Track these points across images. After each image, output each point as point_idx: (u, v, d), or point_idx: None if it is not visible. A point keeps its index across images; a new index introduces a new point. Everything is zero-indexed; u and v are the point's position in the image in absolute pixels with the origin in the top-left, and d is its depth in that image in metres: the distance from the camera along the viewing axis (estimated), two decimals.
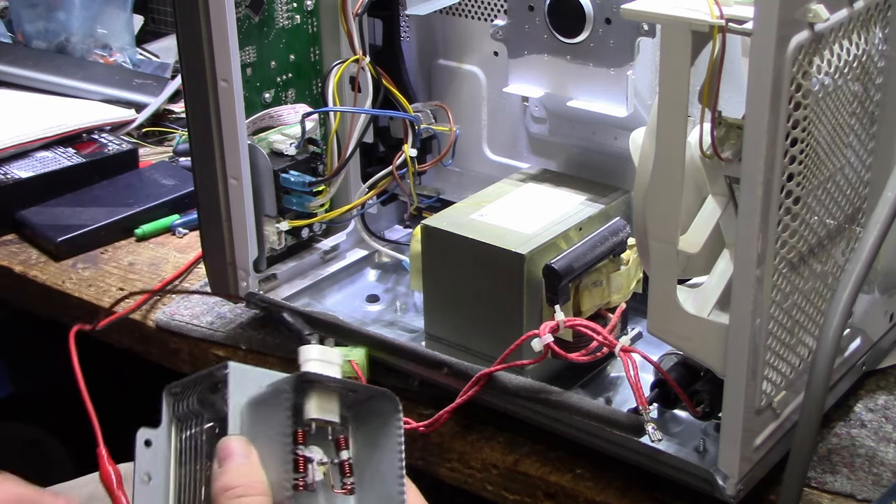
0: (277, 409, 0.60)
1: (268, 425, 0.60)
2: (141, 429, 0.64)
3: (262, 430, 0.60)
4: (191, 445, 0.64)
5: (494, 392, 0.75)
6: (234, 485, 0.58)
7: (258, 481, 0.59)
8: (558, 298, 0.75)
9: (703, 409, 0.70)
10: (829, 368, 0.60)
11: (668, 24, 0.61)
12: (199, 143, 0.84)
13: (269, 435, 0.60)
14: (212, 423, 0.63)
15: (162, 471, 0.64)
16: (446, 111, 0.91)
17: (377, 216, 0.99)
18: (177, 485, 0.63)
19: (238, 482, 0.59)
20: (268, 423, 0.60)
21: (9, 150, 1.17)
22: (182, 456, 0.64)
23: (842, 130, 0.65)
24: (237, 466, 0.59)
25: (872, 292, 0.77)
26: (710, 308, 0.66)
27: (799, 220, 0.63)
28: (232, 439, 0.60)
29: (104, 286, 1.01)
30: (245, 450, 0.60)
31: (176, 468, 0.64)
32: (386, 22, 0.93)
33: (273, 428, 0.60)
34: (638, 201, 0.68)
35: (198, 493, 0.62)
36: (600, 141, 0.86)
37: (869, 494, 0.70)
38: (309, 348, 0.68)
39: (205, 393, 0.63)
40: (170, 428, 0.65)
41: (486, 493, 0.77)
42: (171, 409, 0.65)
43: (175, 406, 0.65)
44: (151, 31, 1.65)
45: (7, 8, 1.57)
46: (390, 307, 0.92)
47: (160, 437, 0.64)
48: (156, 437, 0.64)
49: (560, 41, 0.83)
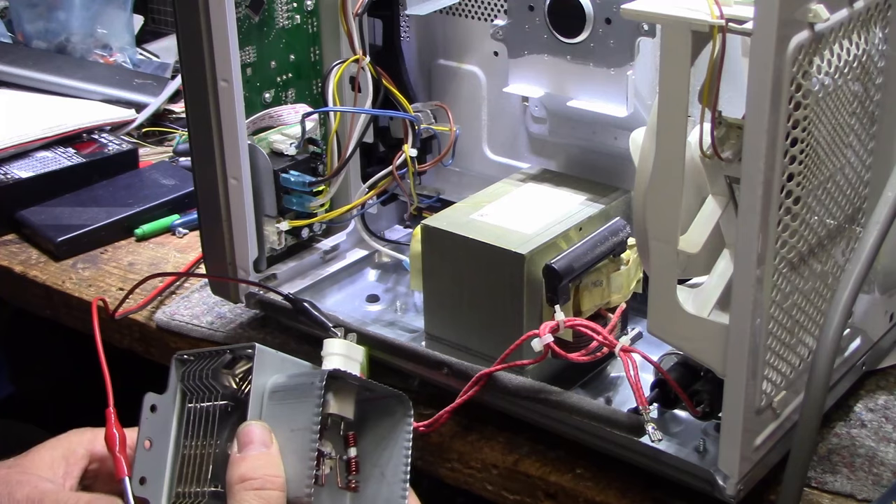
0: (306, 403, 0.59)
1: (293, 417, 0.60)
2: (148, 393, 0.64)
3: (286, 421, 0.60)
4: (199, 419, 0.63)
5: (494, 392, 0.75)
6: (252, 476, 0.59)
7: (276, 475, 0.59)
8: (558, 298, 0.75)
9: (703, 409, 0.70)
10: (829, 368, 0.60)
11: (668, 24, 0.61)
12: (199, 143, 0.84)
13: (294, 427, 0.60)
14: (226, 402, 0.63)
15: (164, 437, 0.63)
16: (446, 111, 0.91)
17: (377, 216, 0.99)
18: (180, 455, 0.63)
19: (257, 474, 0.59)
20: (293, 415, 0.60)
21: (9, 150, 1.17)
22: (188, 428, 0.64)
23: (842, 130, 0.65)
24: (257, 456, 0.59)
25: (872, 292, 0.77)
26: (710, 308, 0.65)
27: (799, 220, 0.63)
28: (255, 426, 0.60)
29: (104, 286, 1.01)
30: (267, 439, 0.60)
31: (181, 439, 0.64)
32: (386, 22, 0.93)
33: (298, 420, 0.59)
34: (638, 201, 0.68)
35: (203, 469, 0.62)
36: (600, 141, 0.86)
37: (869, 494, 0.70)
38: (333, 342, 0.67)
39: (220, 368, 0.63)
40: (174, 395, 0.64)
41: (486, 493, 0.77)
42: (179, 377, 0.64)
43: (184, 375, 0.64)
44: (151, 31, 1.65)
45: (7, 8, 1.57)
46: (390, 307, 0.92)
47: (165, 405, 0.64)
48: (161, 403, 0.64)
49: (560, 41, 0.83)
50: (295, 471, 0.59)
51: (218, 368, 0.63)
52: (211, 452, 0.62)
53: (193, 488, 0.62)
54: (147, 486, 0.62)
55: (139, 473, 0.62)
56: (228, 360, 0.64)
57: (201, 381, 0.63)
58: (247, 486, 0.58)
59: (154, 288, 0.97)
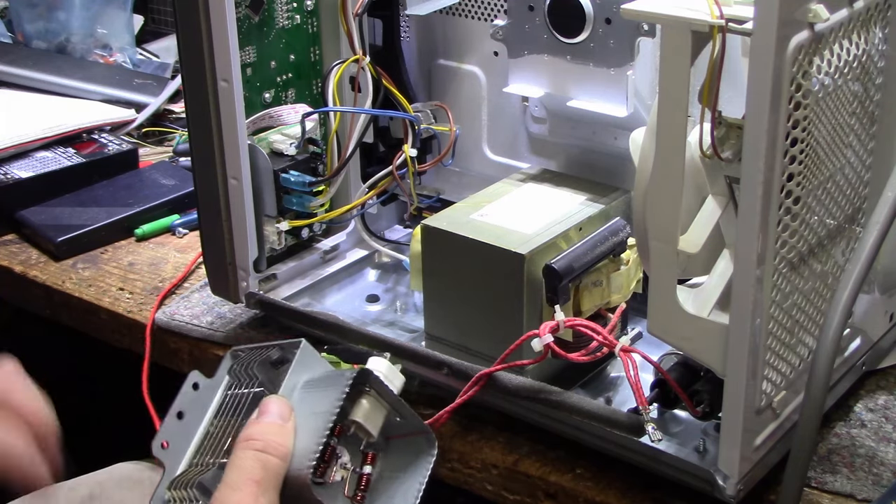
0: (332, 390, 0.61)
1: (316, 401, 0.61)
2: (194, 371, 0.66)
3: (309, 405, 0.61)
4: (234, 402, 0.65)
5: (494, 392, 0.75)
6: (256, 437, 0.59)
7: (282, 444, 0.59)
8: (558, 298, 0.75)
9: (703, 409, 0.70)
10: (829, 368, 0.60)
11: (668, 24, 0.61)
12: (199, 143, 0.84)
13: (314, 410, 0.61)
14: (262, 388, 0.64)
15: (198, 414, 0.65)
16: (446, 111, 0.91)
17: (377, 216, 0.99)
18: (206, 432, 0.65)
19: (262, 437, 0.59)
20: (317, 399, 0.61)
21: (9, 150, 1.17)
22: (222, 409, 0.66)
23: (842, 130, 0.65)
24: (270, 423, 0.60)
25: (872, 292, 0.77)
26: (710, 308, 0.65)
27: (799, 220, 0.63)
28: (276, 399, 0.61)
29: (104, 286, 1.01)
30: (285, 413, 0.61)
31: (212, 418, 0.66)
32: (386, 22, 0.93)
33: (320, 405, 0.60)
34: (638, 201, 0.68)
35: (221, 443, 0.64)
36: (600, 141, 0.86)
37: (869, 494, 0.70)
38: (380, 360, 0.69)
39: (266, 362, 0.65)
40: (220, 382, 0.67)
41: (486, 493, 0.77)
42: (229, 368, 0.67)
43: (233, 366, 0.67)
44: (151, 31, 1.65)
45: (7, 8, 1.57)
46: (390, 307, 0.92)
47: (208, 387, 0.66)
48: (205, 385, 0.66)
49: (560, 41, 0.83)
50: (302, 446, 0.60)
51: (265, 361, 0.65)
52: (232, 432, 0.64)
53: (207, 459, 0.63)
54: (167, 451, 0.64)
55: (163, 437, 0.64)
56: (277, 356, 0.65)
57: (246, 371, 0.66)
58: (247, 445, 0.59)
59: None
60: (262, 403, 0.61)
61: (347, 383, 0.60)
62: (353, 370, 0.62)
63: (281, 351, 0.65)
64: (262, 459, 0.58)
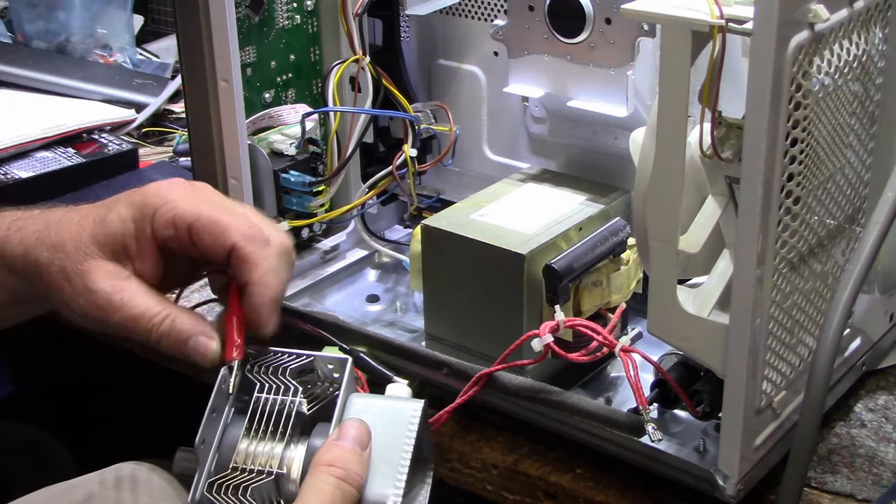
0: (398, 423, 0.63)
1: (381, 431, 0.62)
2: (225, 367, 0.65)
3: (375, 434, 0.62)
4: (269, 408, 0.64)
5: (494, 392, 0.75)
6: (338, 465, 0.60)
7: (360, 475, 0.60)
8: (558, 298, 0.75)
9: (703, 409, 0.70)
10: (829, 368, 0.60)
11: (668, 24, 0.61)
12: (199, 143, 0.84)
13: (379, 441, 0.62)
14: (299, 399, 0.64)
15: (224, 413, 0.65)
16: (446, 111, 0.91)
17: (377, 216, 0.99)
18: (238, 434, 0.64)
19: (343, 465, 0.60)
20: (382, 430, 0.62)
21: (9, 150, 1.17)
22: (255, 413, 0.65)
23: (842, 130, 0.65)
24: (352, 450, 0.60)
25: (872, 292, 0.77)
26: (710, 308, 0.66)
27: (799, 220, 0.63)
28: (357, 424, 0.62)
29: None
30: (364, 441, 0.61)
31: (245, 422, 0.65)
32: (386, 22, 0.93)
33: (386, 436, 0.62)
34: (638, 201, 0.68)
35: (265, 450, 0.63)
36: (600, 141, 0.87)
37: (869, 494, 0.70)
38: (401, 387, 0.70)
39: (295, 371, 0.65)
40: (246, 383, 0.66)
41: (486, 493, 0.77)
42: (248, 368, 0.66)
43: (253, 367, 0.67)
44: (151, 31, 1.65)
45: (7, 8, 1.57)
46: (390, 307, 0.92)
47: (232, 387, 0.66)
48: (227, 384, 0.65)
49: (560, 41, 0.83)
50: (377, 483, 0.61)
51: (293, 370, 0.65)
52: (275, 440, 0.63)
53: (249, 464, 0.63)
54: (204, 448, 0.63)
55: (203, 436, 0.63)
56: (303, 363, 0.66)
57: (272, 375, 0.65)
58: (330, 472, 0.59)
59: None
60: (344, 424, 0.62)
61: (416, 416, 0.62)
62: (416, 402, 0.64)
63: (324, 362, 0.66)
64: (342, 489, 0.59)
